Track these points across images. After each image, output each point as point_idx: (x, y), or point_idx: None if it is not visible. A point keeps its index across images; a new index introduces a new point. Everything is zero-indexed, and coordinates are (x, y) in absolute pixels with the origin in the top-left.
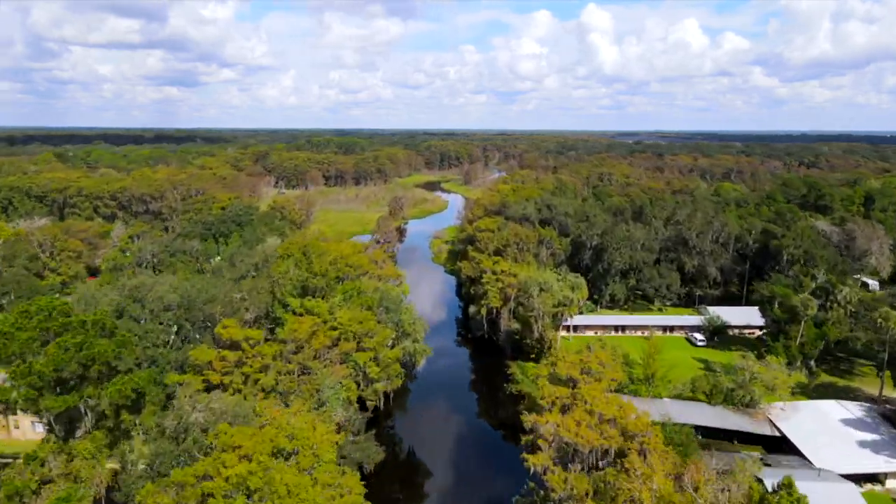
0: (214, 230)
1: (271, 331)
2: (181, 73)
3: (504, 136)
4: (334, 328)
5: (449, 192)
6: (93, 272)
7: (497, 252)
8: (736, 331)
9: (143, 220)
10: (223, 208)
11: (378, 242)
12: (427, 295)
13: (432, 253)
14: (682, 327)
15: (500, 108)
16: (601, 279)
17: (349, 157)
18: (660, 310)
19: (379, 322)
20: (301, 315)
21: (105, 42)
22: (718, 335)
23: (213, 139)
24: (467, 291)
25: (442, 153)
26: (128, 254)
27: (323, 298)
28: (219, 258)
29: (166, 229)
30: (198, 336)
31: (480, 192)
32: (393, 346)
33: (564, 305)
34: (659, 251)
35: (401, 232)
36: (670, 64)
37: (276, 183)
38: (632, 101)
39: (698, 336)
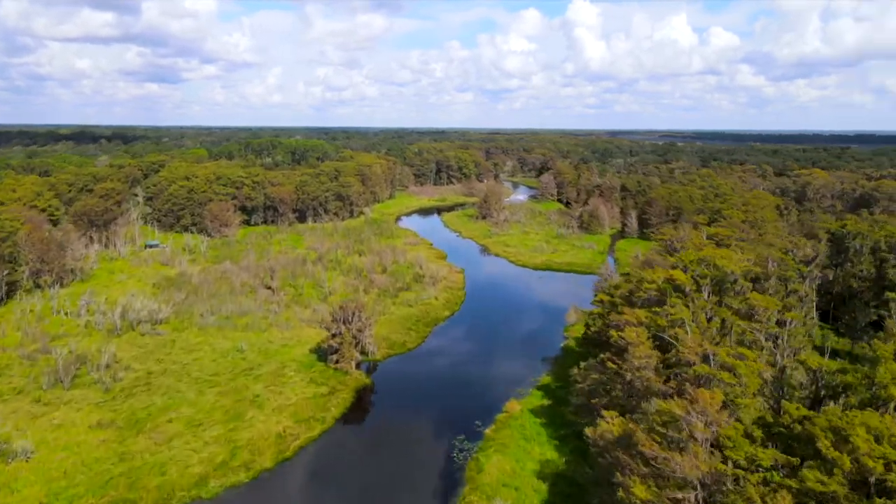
0: None
1: None
2: (162, 68)
3: (500, 135)
4: None
5: (459, 234)
6: None
7: None
8: None
9: None
10: None
11: None
12: None
13: None
14: None
15: (487, 107)
16: None
17: (293, 171)
18: None
19: None
20: None
21: (80, 36)
22: None
23: (157, 138)
24: None
25: (438, 161)
26: None
27: None
28: None
29: None
30: None
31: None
32: None
33: None
34: None
35: None
36: (658, 62)
37: (148, 220)
38: (619, 100)
39: None
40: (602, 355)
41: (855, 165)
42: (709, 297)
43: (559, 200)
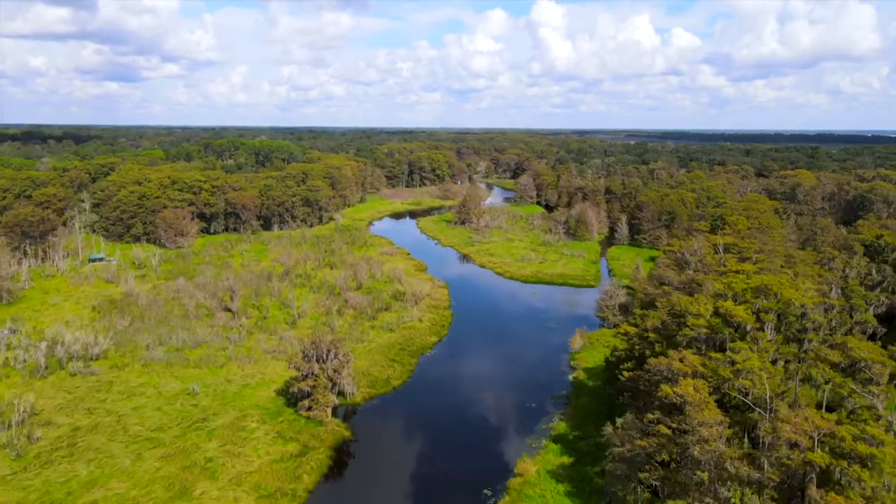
0: None
1: None
2: (121, 67)
3: (470, 134)
4: None
5: (438, 241)
6: None
7: None
8: None
9: None
10: None
11: None
12: None
13: None
14: None
15: (454, 107)
16: None
17: (257, 174)
18: None
19: None
20: None
21: (33, 32)
22: None
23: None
24: None
25: (410, 163)
26: None
27: None
28: None
29: None
30: None
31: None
32: None
33: None
34: None
35: None
36: (622, 62)
37: (95, 229)
38: (584, 100)
39: None
40: (649, 415)
41: (837, 166)
42: (773, 336)
43: (539, 203)
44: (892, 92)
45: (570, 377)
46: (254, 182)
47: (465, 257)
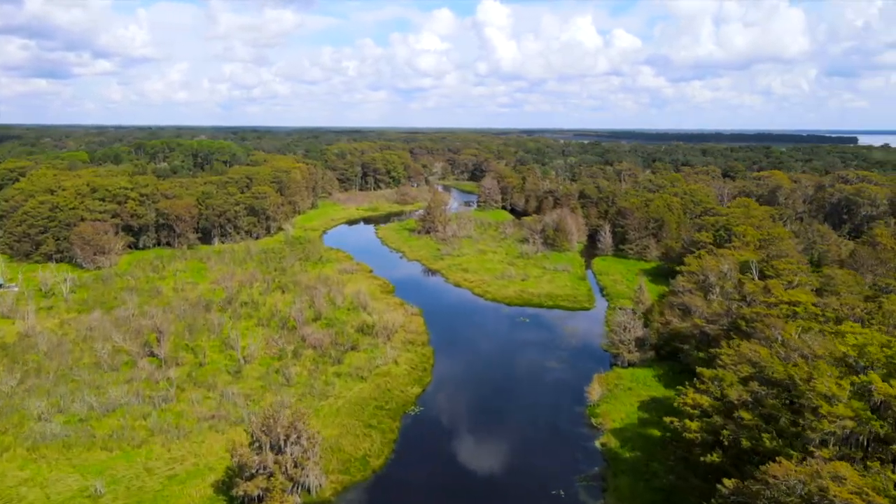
0: None
1: None
2: (49, 63)
3: (421, 134)
4: None
5: (403, 255)
6: None
7: None
8: None
9: None
10: None
11: None
12: None
13: None
14: None
15: (400, 106)
16: None
17: (194, 179)
18: None
19: None
20: None
21: None
22: None
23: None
24: None
25: (363, 165)
26: None
27: None
28: None
29: None
30: None
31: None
32: None
33: None
34: None
35: None
36: (566, 62)
37: None
38: (529, 100)
39: None
40: None
41: (804, 167)
42: None
43: (505, 208)
44: (821, 93)
45: (598, 444)
46: (190, 188)
47: (435, 274)
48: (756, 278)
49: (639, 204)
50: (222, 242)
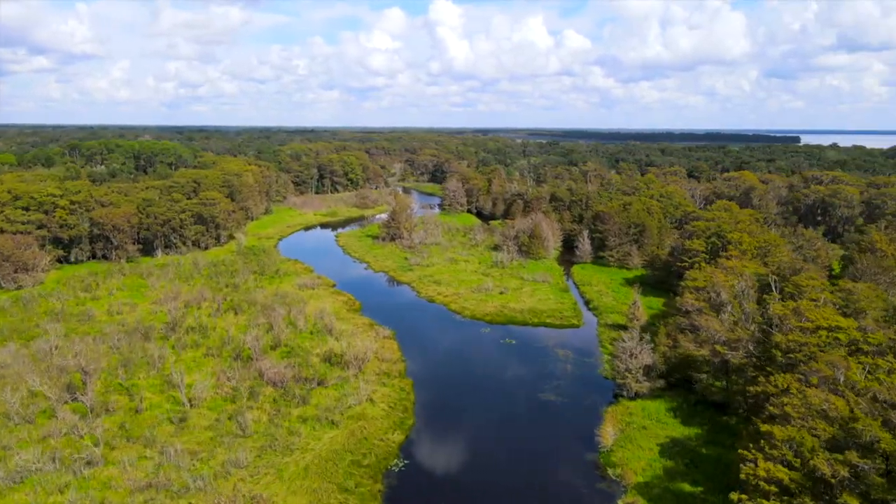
0: None
1: None
2: None
3: (376, 133)
4: None
5: (368, 265)
6: None
7: None
8: None
9: None
10: None
11: None
12: None
13: None
14: None
15: (354, 105)
16: None
17: (135, 184)
18: None
19: None
20: None
21: None
22: None
23: None
24: None
25: (320, 167)
26: None
27: None
28: None
29: None
30: None
31: None
32: None
33: None
34: None
35: None
36: (518, 62)
37: None
38: (482, 99)
39: None
40: None
41: (773, 167)
42: None
43: (470, 211)
44: (760, 94)
45: None
46: (130, 195)
47: (405, 287)
48: (777, 296)
49: (617, 208)
50: (166, 254)
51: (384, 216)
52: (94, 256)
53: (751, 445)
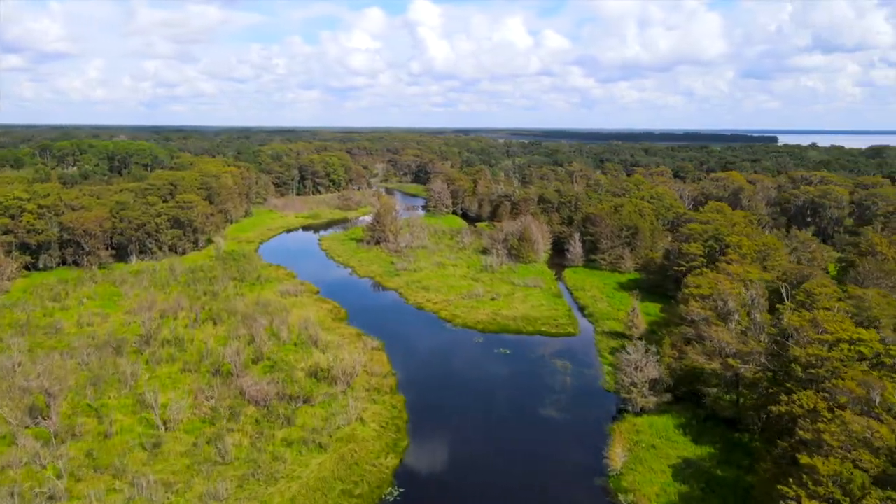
0: None
1: None
2: None
3: (357, 133)
4: None
5: (353, 270)
6: None
7: None
8: None
9: None
10: None
11: None
12: None
13: None
14: None
15: (334, 105)
16: None
17: (108, 186)
18: None
19: None
20: None
21: None
22: None
23: None
24: None
25: (301, 167)
26: None
27: None
28: None
29: None
30: None
31: None
32: None
33: None
34: None
35: None
36: (498, 62)
37: None
38: (463, 99)
39: None
40: None
41: (758, 167)
42: None
43: (456, 213)
44: (737, 94)
45: None
46: (103, 197)
47: (392, 293)
48: (791, 305)
49: (608, 210)
50: (141, 260)
51: (368, 218)
52: (64, 263)
53: (791, 480)
